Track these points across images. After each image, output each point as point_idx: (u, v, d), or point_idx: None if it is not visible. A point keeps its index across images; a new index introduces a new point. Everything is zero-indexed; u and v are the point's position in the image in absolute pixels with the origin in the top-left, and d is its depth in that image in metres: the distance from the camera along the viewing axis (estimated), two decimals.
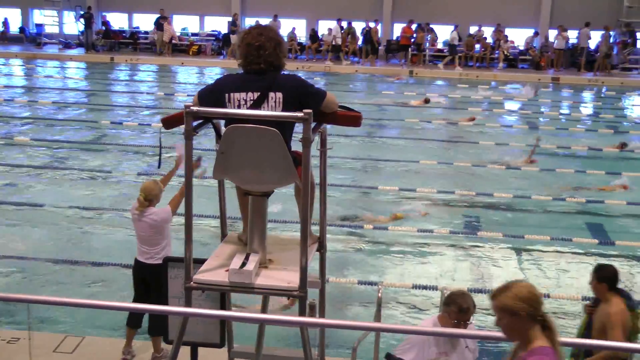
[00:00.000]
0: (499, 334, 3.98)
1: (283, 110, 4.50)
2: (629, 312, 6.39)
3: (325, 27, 33.48)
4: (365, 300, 9.37)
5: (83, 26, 34.13)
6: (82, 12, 34.37)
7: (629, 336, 6.37)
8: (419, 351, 5.78)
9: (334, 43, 32.12)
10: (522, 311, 3.78)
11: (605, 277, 6.45)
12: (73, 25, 35.65)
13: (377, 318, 7.02)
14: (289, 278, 4.56)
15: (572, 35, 31.82)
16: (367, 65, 31.67)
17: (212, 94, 4.65)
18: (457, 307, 5.66)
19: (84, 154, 16.59)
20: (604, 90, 28.47)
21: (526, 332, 3.82)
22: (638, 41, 32.00)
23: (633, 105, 26.34)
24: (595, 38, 31.62)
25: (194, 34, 35.43)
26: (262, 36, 4.64)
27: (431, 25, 32.70)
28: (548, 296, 9.25)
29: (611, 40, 31.60)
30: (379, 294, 7.06)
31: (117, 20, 36.43)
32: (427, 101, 23.19)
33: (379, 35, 32.54)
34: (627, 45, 31.73)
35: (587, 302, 7.10)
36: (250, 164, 4.48)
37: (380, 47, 32.91)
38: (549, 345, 3.79)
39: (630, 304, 6.51)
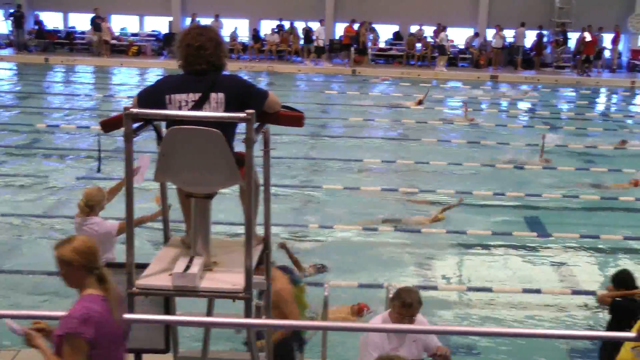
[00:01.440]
0: (453, 328, 4.01)
1: (225, 111, 4.46)
2: (293, 287, 6.66)
3: (267, 27, 33.38)
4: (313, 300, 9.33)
5: (12, 25, 32.91)
6: (11, 11, 33.02)
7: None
8: (381, 351, 5.82)
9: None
10: (76, 262, 4.19)
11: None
12: (2, 24, 34.25)
13: (325, 317, 7.03)
14: (234, 280, 4.52)
15: (509, 34, 32.40)
16: (320, 64, 31.70)
17: (152, 96, 4.58)
18: (400, 302, 5.75)
19: (18, 159, 16.12)
20: (539, 87, 28.99)
21: (81, 281, 4.26)
22: (569, 40, 32.74)
23: (567, 102, 26.85)
24: (530, 37, 32.25)
25: (133, 34, 34.87)
26: (203, 36, 4.59)
27: (373, 25, 32.84)
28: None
29: (545, 39, 32.27)
30: (326, 293, 7.07)
31: (52, 20, 35.35)
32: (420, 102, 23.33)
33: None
34: (560, 44, 32.42)
35: None
36: (193, 166, 4.43)
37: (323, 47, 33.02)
38: (99, 294, 4.25)
39: (293, 277, 6.85)
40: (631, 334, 4.90)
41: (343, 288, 9.68)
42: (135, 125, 4.42)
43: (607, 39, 32.15)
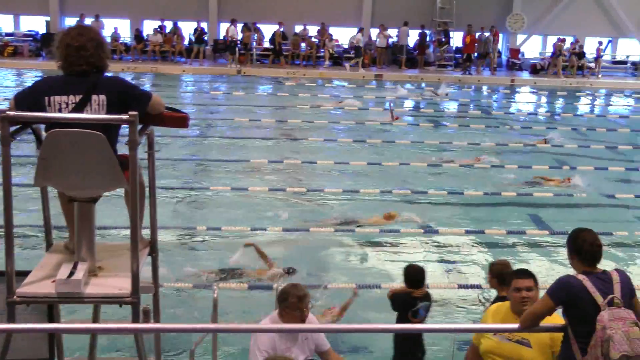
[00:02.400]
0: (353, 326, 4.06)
1: (107, 113, 4.39)
2: None
3: (150, 27, 32.81)
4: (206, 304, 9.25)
5: None
6: None
7: None
8: (271, 352, 5.84)
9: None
10: None
11: None
12: None
13: (214, 319, 6.98)
14: (120, 285, 4.45)
15: (393, 34, 33.08)
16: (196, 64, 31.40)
17: (30, 97, 4.45)
18: (295, 298, 5.81)
19: None
20: (423, 85, 29.72)
21: None
22: (452, 40, 33.74)
23: (450, 99, 27.64)
24: (413, 37, 33.03)
25: (8, 34, 33.51)
26: (83, 36, 4.49)
27: (257, 25, 32.80)
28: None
29: (427, 39, 33.12)
30: (215, 295, 7.02)
31: None
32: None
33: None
34: (442, 43, 33.36)
35: None
36: (75, 170, 4.32)
37: (207, 47, 32.75)
38: None
39: None
40: (514, 325, 5.09)
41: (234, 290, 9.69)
42: (13, 128, 4.28)
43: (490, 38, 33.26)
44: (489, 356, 5.31)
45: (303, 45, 32.69)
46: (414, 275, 7.25)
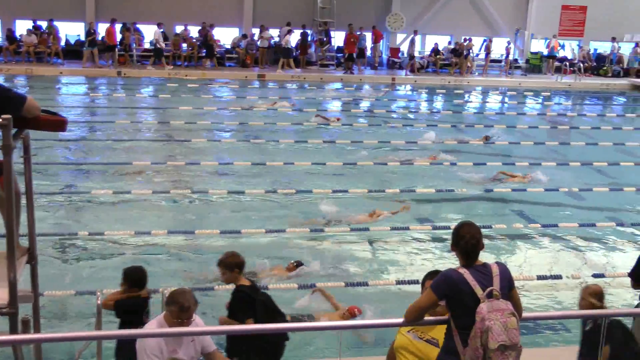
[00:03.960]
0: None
1: None
2: None
3: (22, 27, 31.62)
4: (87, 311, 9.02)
5: None
6: None
7: None
8: (159, 355, 5.75)
9: (158, 46, 31.04)
10: None
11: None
12: None
13: (98, 326, 6.83)
14: None
15: (274, 34, 33.18)
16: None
17: None
18: (178, 307, 5.73)
19: None
20: (306, 85, 29.96)
21: None
22: (333, 39, 34.16)
23: (333, 97, 27.98)
24: (294, 36, 33.19)
25: None
26: None
27: (137, 25, 32.17)
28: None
29: (309, 38, 33.41)
30: (98, 301, 6.87)
31: None
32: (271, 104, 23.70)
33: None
34: (323, 43, 33.70)
35: None
36: None
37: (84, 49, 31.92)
38: None
39: None
40: (399, 320, 5.19)
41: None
42: None
43: (368, 37, 33.84)
44: (400, 352, 5.39)
45: (185, 45, 32.30)
46: (136, 275, 7.07)
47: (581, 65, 34.88)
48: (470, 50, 34.24)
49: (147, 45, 32.87)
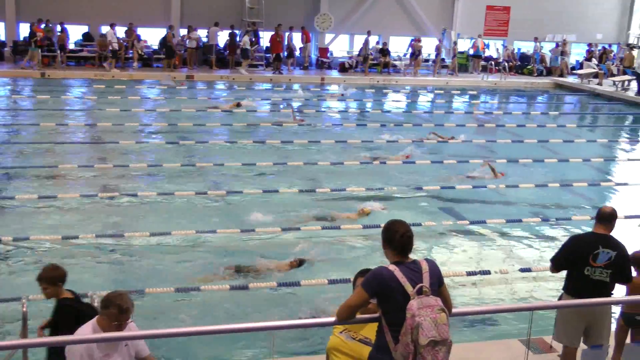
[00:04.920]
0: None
1: None
2: None
3: None
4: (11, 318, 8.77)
5: None
6: None
7: None
8: None
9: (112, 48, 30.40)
10: None
11: None
12: None
13: (24, 334, 6.67)
14: None
15: (203, 34, 32.94)
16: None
17: None
18: (117, 309, 5.62)
19: None
20: (235, 86, 29.79)
21: None
22: (261, 39, 34.10)
23: (262, 99, 27.93)
24: (223, 37, 32.99)
25: None
26: None
27: (65, 25, 31.40)
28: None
29: (237, 39, 33.22)
30: (24, 309, 6.70)
31: None
32: (239, 105, 23.82)
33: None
34: (252, 43, 33.58)
35: None
36: None
37: (5, 49, 31.12)
38: None
39: None
40: (331, 319, 5.21)
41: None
42: None
43: (297, 37, 33.85)
44: (334, 353, 5.39)
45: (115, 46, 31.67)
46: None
47: (506, 64, 35.64)
48: (420, 51, 34.71)
49: (71, 46, 32.18)
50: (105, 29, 32.02)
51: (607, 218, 7.17)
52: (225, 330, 6.18)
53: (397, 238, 4.99)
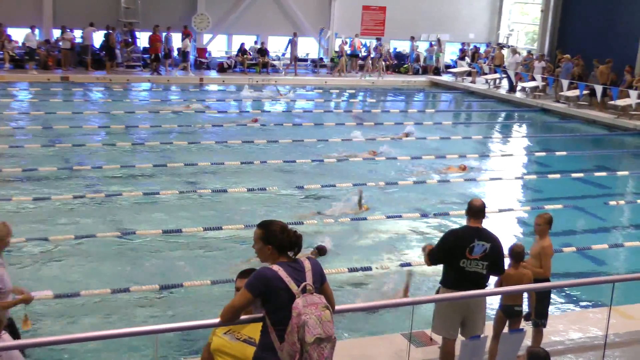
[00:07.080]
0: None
1: None
2: None
3: None
4: None
5: None
6: None
7: None
8: None
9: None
10: None
11: None
12: None
13: None
14: None
15: (77, 35, 31.95)
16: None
17: None
18: None
19: None
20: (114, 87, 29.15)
21: None
22: (138, 40, 33.47)
23: (140, 99, 27.41)
24: (99, 37, 32.15)
25: None
26: None
27: None
28: None
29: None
30: None
31: None
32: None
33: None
34: (128, 44, 32.92)
35: None
36: None
37: None
38: None
39: None
40: (215, 320, 5.21)
41: None
42: None
43: (176, 38, 33.34)
44: (217, 354, 5.36)
45: None
46: None
47: (383, 63, 36.30)
48: (381, 53, 35.13)
49: None
50: None
51: (478, 211, 7.48)
52: (106, 336, 6.10)
53: (285, 237, 5.03)
